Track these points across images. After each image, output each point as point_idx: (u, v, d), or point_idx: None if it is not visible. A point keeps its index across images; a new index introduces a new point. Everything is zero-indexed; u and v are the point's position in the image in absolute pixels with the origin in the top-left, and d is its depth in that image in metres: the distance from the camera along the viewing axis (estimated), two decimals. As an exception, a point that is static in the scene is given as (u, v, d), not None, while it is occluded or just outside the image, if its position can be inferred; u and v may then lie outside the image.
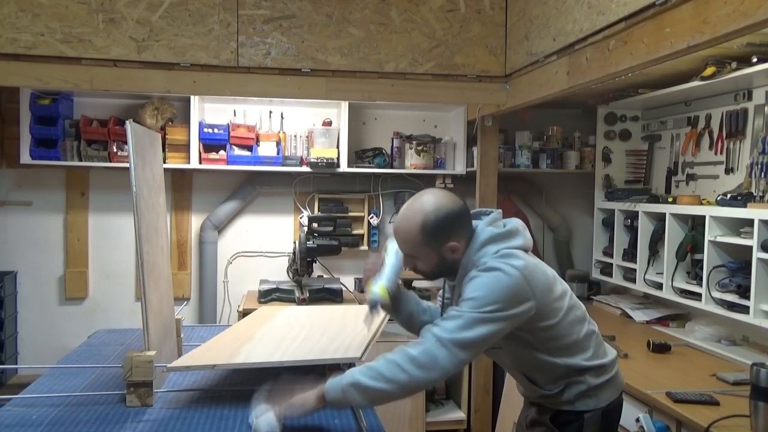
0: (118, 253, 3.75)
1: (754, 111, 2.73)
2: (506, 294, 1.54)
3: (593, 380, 1.72)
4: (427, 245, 1.64)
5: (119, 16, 2.90)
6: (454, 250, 1.65)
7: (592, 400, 1.72)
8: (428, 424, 3.41)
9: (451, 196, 1.67)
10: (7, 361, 3.47)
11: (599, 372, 1.73)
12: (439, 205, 1.63)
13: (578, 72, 2.38)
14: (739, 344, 2.73)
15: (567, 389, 1.71)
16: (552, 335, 1.66)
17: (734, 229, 2.62)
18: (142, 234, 1.72)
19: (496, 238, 1.65)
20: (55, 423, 1.58)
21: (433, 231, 1.62)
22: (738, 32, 1.56)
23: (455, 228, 1.64)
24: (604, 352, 1.78)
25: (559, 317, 1.66)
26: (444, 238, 1.63)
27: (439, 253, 1.65)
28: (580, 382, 1.71)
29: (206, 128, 3.54)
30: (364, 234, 3.92)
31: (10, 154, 3.52)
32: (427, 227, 1.61)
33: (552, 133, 3.92)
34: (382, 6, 3.10)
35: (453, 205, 1.65)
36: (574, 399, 1.71)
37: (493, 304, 1.53)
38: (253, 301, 3.45)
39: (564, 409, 1.73)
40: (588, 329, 1.74)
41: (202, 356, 1.87)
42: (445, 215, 1.62)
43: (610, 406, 1.75)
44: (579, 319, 1.73)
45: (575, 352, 1.70)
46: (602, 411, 1.73)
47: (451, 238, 1.64)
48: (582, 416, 1.72)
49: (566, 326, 1.68)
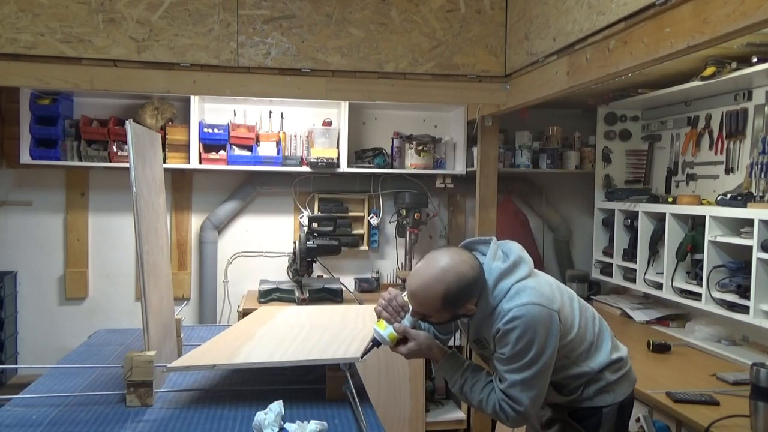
0: (118, 253, 3.75)
1: (754, 111, 2.73)
2: (539, 330, 1.61)
3: (611, 376, 1.78)
4: (446, 310, 1.67)
5: (119, 16, 2.90)
6: (469, 310, 1.70)
7: (610, 395, 1.79)
8: (428, 424, 3.41)
9: (468, 261, 1.68)
10: (7, 361, 3.47)
11: (616, 367, 1.80)
12: (460, 275, 1.64)
13: (578, 72, 2.38)
14: (739, 344, 2.73)
15: (586, 388, 1.78)
16: (575, 344, 1.73)
17: (734, 229, 2.62)
18: (142, 234, 1.72)
19: (504, 274, 1.68)
20: (55, 423, 1.58)
21: (454, 300, 1.65)
22: (738, 32, 1.56)
23: (474, 293, 1.67)
24: (618, 346, 1.86)
25: (577, 323, 1.73)
26: (463, 303, 1.67)
27: (456, 314, 1.71)
28: (599, 380, 1.77)
29: (206, 128, 3.54)
30: (364, 234, 3.92)
31: (10, 154, 3.52)
32: (449, 298, 1.64)
33: (552, 133, 3.92)
34: (382, 6, 3.10)
35: (472, 272, 1.66)
36: (593, 395, 1.78)
37: (538, 345, 1.61)
38: (253, 301, 3.45)
39: (583, 406, 1.79)
40: (600, 325, 1.82)
41: (202, 356, 1.87)
42: (467, 285, 1.65)
43: (626, 400, 1.82)
44: (591, 318, 1.80)
45: (594, 352, 1.77)
46: (619, 405, 1.80)
47: (469, 302, 1.68)
48: (600, 411, 1.78)
49: (583, 330, 1.75)
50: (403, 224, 3.80)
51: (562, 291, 1.77)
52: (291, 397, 1.75)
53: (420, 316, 1.72)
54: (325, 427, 1.52)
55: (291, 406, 1.68)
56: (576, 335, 1.73)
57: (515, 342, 1.61)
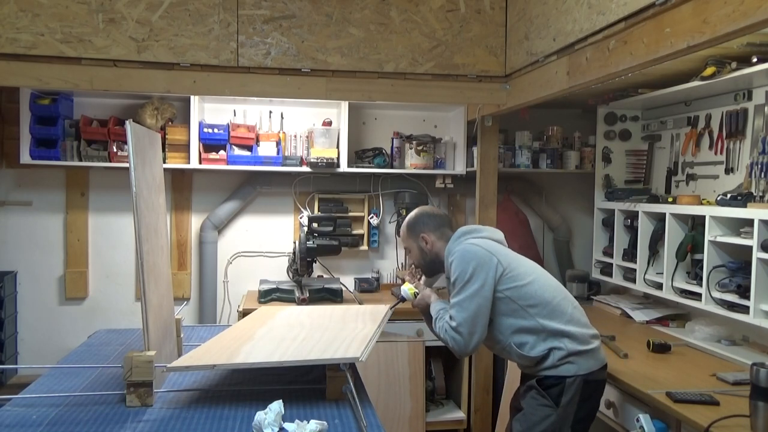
0: (118, 253, 3.75)
1: (754, 111, 2.73)
2: (474, 260, 2.12)
3: (572, 346, 2.10)
4: (409, 237, 2.40)
5: (119, 16, 2.90)
6: (426, 241, 2.35)
7: (573, 366, 2.09)
8: (428, 424, 3.41)
9: (431, 207, 2.57)
10: (7, 361, 3.47)
11: (578, 340, 2.11)
12: (421, 210, 2.45)
13: (578, 72, 2.39)
14: (739, 344, 2.73)
15: (551, 354, 2.09)
16: (524, 293, 2.13)
17: (734, 229, 2.62)
18: (142, 234, 1.72)
19: (465, 233, 2.27)
20: (55, 423, 1.58)
21: (413, 226, 2.39)
22: (738, 32, 1.56)
23: (429, 225, 2.36)
24: (583, 323, 2.18)
25: (530, 279, 2.15)
26: (420, 230, 2.36)
27: (418, 245, 2.37)
28: (560, 348, 2.09)
29: (206, 128, 3.54)
30: (364, 234, 3.92)
31: (10, 154, 3.52)
32: (409, 224, 2.41)
33: (552, 133, 3.92)
34: (382, 6, 3.10)
35: (427, 209, 2.46)
36: (558, 364, 2.09)
37: (470, 273, 2.10)
38: (253, 301, 3.45)
39: (549, 374, 2.10)
40: (565, 298, 2.18)
41: (202, 356, 1.87)
42: (416, 214, 2.42)
43: (591, 376, 2.11)
44: (555, 289, 2.19)
45: (552, 315, 2.12)
46: (583, 379, 2.09)
47: (423, 231, 2.35)
48: (564, 380, 2.09)
49: (540, 289, 2.14)
50: (403, 224, 3.80)
51: (519, 257, 2.24)
52: (291, 397, 1.75)
53: (409, 257, 2.48)
54: (325, 427, 1.52)
55: (291, 406, 1.68)
56: (527, 287, 2.13)
57: (454, 270, 2.14)
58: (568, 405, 2.09)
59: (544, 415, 2.10)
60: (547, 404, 2.10)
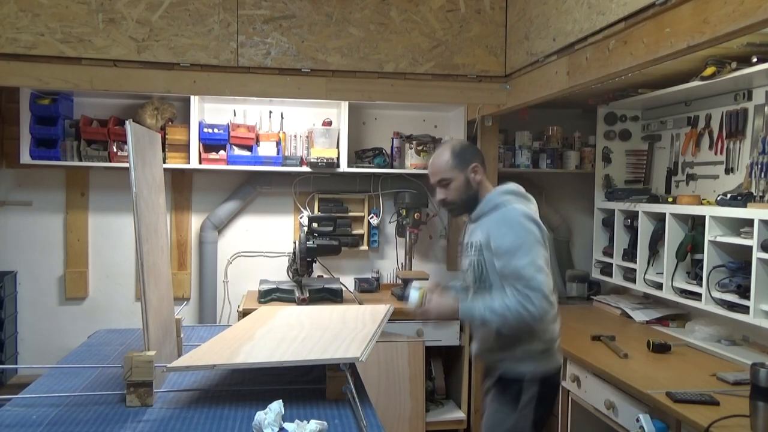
0: (118, 253, 3.75)
1: (754, 111, 2.73)
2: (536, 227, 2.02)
3: (539, 345, 2.09)
4: (456, 167, 2.15)
5: (119, 16, 2.90)
6: (476, 171, 2.15)
7: (532, 364, 2.09)
8: (428, 424, 3.41)
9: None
10: (7, 361, 3.47)
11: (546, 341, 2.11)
12: (460, 141, 2.42)
13: (578, 72, 2.39)
14: (739, 344, 2.73)
15: (518, 345, 2.08)
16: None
17: (734, 229, 2.62)
18: (142, 234, 1.72)
19: (517, 193, 2.15)
20: (55, 423, 1.58)
21: (459, 153, 2.16)
22: (738, 32, 1.56)
23: (475, 154, 2.20)
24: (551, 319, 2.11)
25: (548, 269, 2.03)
26: (470, 160, 2.15)
27: (465, 175, 2.15)
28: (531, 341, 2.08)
29: (206, 128, 3.54)
30: (364, 234, 3.92)
31: (10, 154, 3.52)
32: (455, 151, 2.17)
33: (552, 133, 3.92)
34: (382, 6, 3.10)
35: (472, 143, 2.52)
36: (520, 356, 2.09)
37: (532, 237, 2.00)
38: (253, 301, 3.45)
39: (508, 374, 2.11)
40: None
41: (202, 356, 1.87)
42: (468, 144, 2.32)
43: (547, 376, 2.12)
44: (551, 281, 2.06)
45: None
46: (540, 379, 2.09)
47: (473, 160, 2.16)
48: (522, 381, 2.09)
49: (551, 281, 2.03)
50: (403, 224, 3.80)
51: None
52: (291, 397, 1.75)
53: (441, 192, 2.18)
54: (325, 426, 1.52)
55: (291, 406, 1.68)
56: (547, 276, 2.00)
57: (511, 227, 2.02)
58: (526, 406, 2.09)
59: (505, 416, 2.12)
60: (508, 407, 2.12)
